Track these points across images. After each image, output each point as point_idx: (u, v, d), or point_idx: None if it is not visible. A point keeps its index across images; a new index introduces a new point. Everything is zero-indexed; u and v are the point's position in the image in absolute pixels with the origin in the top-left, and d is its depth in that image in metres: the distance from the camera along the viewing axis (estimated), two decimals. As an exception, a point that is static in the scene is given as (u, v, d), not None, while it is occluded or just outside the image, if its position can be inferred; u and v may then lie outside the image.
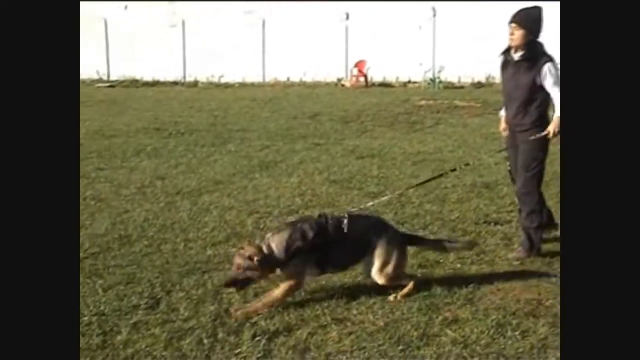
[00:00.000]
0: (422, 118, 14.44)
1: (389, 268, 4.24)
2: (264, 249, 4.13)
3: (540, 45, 4.99)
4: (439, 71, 23.67)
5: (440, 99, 18.21)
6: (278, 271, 4.20)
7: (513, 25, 4.95)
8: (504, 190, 7.09)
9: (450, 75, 24.10)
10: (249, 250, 4.12)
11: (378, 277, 4.25)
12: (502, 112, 5.35)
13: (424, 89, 22.77)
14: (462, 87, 23.57)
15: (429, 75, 23.85)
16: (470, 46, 23.62)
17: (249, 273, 4.10)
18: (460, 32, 24.20)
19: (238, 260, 4.13)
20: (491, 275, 4.66)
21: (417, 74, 24.48)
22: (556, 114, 4.86)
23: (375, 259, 4.24)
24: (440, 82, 23.33)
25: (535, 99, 4.97)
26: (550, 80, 4.86)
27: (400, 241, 4.37)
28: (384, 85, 24.87)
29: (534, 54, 4.93)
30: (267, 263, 4.10)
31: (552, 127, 4.88)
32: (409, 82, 25.18)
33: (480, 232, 5.69)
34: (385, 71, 25.35)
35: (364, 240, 4.25)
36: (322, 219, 4.30)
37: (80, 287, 4.48)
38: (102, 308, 4.14)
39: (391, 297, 4.23)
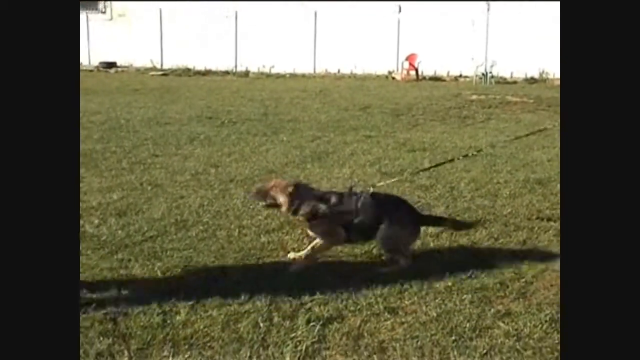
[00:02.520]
0: (473, 113, 14.34)
1: (391, 241, 4.73)
2: (300, 191, 4.77)
3: None
4: (491, 66, 23.42)
5: (492, 94, 18.06)
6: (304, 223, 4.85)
7: None
8: (557, 187, 7.04)
9: (502, 70, 23.84)
10: (289, 183, 4.84)
11: (381, 246, 4.82)
12: None
13: (476, 84, 22.58)
14: (514, 83, 23.32)
15: (481, 70, 23.62)
16: (523, 42, 23.35)
17: (279, 198, 4.73)
18: (513, 28, 23.92)
19: (276, 183, 4.88)
20: (544, 270, 4.65)
21: (469, 68, 24.28)
22: None
23: (381, 231, 4.71)
24: (492, 77, 23.09)
25: None
26: None
27: (408, 220, 4.84)
28: (435, 79, 24.75)
29: None
30: (295, 202, 4.71)
31: None
32: (460, 76, 25.00)
33: (533, 228, 5.67)
34: (436, 65, 25.22)
35: (378, 216, 4.73)
36: (348, 191, 4.88)
37: (140, 268, 4.63)
38: (161, 289, 4.27)
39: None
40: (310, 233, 4.86)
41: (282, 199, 4.75)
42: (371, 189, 5.03)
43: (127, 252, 4.95)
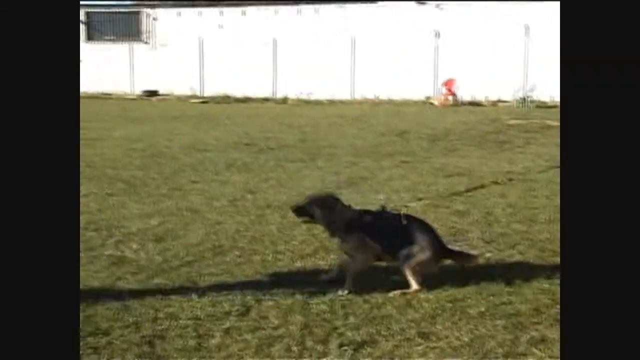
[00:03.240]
0: (511, 137, 14.27)
1: (413, 261, 4.77)
2: (337, 208, 4.98)
3: None
4: (531, 90, 23.27)
5: (531, 119, 17.95)
6: (338, 240, 5.00)
7: None
8: (595, 212, 6.96)
9: (542, 94, 23.66)
10: (331, 197, 5.13)
11: (401, 263, 4.82)
12: None
13: (515, 108, 22.44)
14: (554, 107, 23.09)
15: (520, 94, 23.48)
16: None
17: (317, 212, 4.95)
18: (553, 51, 23.78)
19: (312, 197, 5.13)
20: (580, 296, 4.61)
21: (508, 93, 24.16)
22: None
23: (409, 250, 4.80)
24: (532, 101, 22.93)
25: None
26: None
27: (435, 247, 4.87)
28: (473, 104, 24.67)
29: None
30: (332, 217, 4.92)
31: None
32: (499, 101, 24.87)
33: (569, 254, 5.62)
34: (474, 90, 25.16)
35: (410, 235, 4.86)
36: (382, 210, 5.12)
37: (177, 293, 4.72)
38: (197, 313, 4.34)
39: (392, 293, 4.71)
40: (344, 249, 5.03)
41: (318, 213, 4.97)
42: (403, 210, 5.25)
43: (164, 276, 5.05)
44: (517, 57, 24.88)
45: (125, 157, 11.21)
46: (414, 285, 4.72)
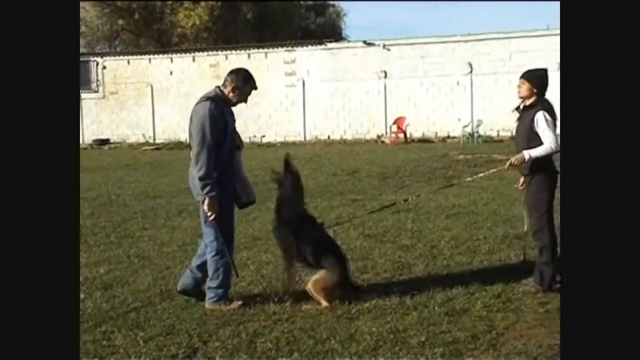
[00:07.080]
0: (459, 172, 14.60)
1: (321, 284, 5.33)
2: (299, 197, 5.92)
3: (543, 99, 5.63)
4: (478, 125, 23.82)
5: (478, 153, 18.37)
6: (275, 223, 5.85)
7: (521, 80, 5.71)
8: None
9: (489, 129, 24.23)
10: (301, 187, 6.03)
11: (311, 284, 5.36)
12: None
13: (463, 144, 22.94)
14: (501, 141, 23.65)
15: (468, 130, 24.03)
16: (507, 100, 23.79)
17: (288, 185, 5.98)
18: (496, 87, 24.45)
19: (299, 179, 6.10)
20: (516, 322, 4.79)
21: (456, 129, 24.70)
22: (527, 152, 5.48)
23: (320, 271, 5.39)
24: (479, 136, 23.47)
25: (533, 146, 5.50)
26: (541, 127, 5.49)
27: (341, 276, 5.41)
28: (423, 141, 25.11)
29: (533, 104, 5.57)
30: (291, 202, 5.85)
31: (513, 159, 5.61)
32: (448, 137, 25.39)
33: (509, 281, 5.81)
34: (424, 127, 25.67)
35: (326, 257, 5.46)
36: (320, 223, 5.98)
37: (123, 338, 4.75)
38: (142, 358, 4.38)
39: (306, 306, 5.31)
40: (275, 235, 5.83)
41: (287, 186, 5.87)
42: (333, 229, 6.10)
43: (110, 323, 5.08)
44: (463, 94, 25.49)
45: (75, 207, 11.15)
46: (324, 303, 5.28)
